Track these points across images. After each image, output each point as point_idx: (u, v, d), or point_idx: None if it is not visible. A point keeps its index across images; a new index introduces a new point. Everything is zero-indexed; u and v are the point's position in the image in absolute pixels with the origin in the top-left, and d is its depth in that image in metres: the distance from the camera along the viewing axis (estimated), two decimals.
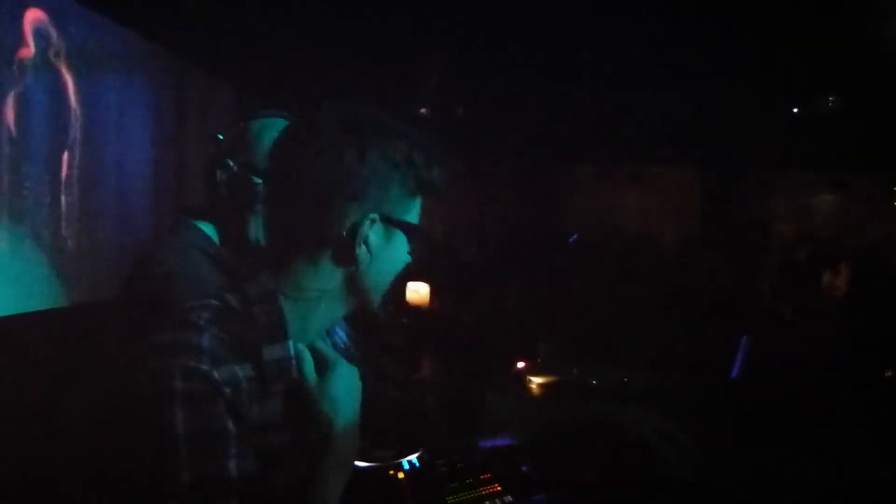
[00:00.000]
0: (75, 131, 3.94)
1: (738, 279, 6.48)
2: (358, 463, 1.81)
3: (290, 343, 1.09)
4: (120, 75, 4.39)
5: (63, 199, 3.86)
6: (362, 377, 1.17)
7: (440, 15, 6.31)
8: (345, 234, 1.08)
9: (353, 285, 1.14)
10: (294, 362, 1.09)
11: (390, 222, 1.12)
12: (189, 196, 5.53)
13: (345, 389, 1.11)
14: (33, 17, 3.53)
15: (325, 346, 1.16)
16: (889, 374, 2.85)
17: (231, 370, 1.00)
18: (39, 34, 3.62)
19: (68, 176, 3.92)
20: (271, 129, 1.65)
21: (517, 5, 6.67)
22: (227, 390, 0.98)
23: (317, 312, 1.14)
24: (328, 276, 1.12)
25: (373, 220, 1.09)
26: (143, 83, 4.71)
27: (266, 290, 1.09)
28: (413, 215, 1.16)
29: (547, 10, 6.79)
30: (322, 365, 1.11)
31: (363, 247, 1.10)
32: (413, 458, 1.89)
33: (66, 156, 3.87)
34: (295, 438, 1.09)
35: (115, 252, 4.27)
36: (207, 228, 1.69)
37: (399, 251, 1.17)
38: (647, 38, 7.04)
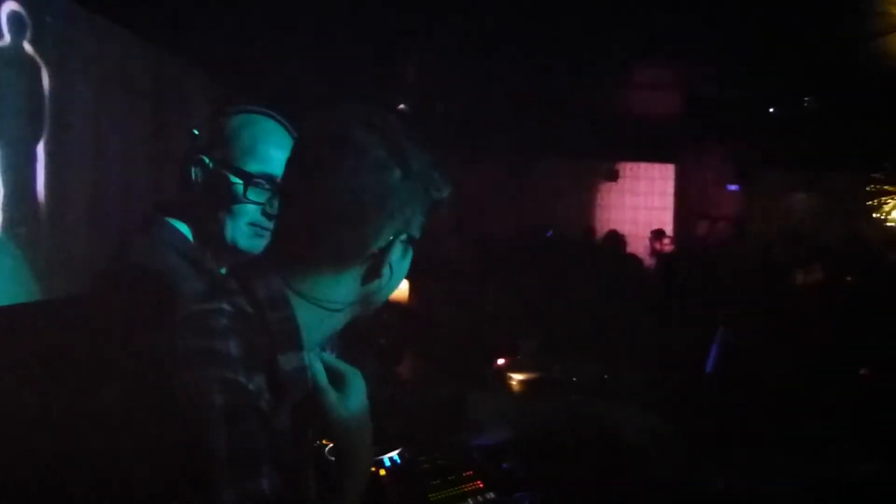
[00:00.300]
0: (48, 122, 3.87)
1: (714, 276, 6.54)
2: None
3: (304, 352, 1.05)
4: (95, 65, 4.31)
5: (36, 190, 3.79)
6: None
7: (420, 9, 6.29)
8: (376, 251, 1.06)
9: (366, 300, 1.12)
10: (308, 373, 1.04)
11: (410, 242, 1.11)
12: (166, 189, 5.47)
13: (360, 399, 1.08)
14: (7, 5, 3.46)
15: (331, 357, 1.12)
16: (864, 371, 2.88)
17: (258, 381, 0.96)
18: (13, 22, 3.55)
19: (42, 167, 3.85)
20: (251, 125, 1.60)
21: (499, 3, 6.67)
22: (261, 403, 0.94)
23: (327, 323, 1.09)
24: (350, 290, 1.08)
25: (402, 241, 1.08)
26: (119, 73, 4.63)
27: (278, 294, 1.03)
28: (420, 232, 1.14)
29: (528, 10, 6.80)
30: (336, 376, 1.08)
31: (388, 266, 1.08)
32: (394, 454, 1.87)
33: (39, 146, 3.80)
34: (306, 450, 1.06)
35: (88, 245, 4.20)
36: (182, 227, 1.64)
37: (407, 268, 1.15)
38: (628, 39, 7.07)
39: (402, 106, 7.82)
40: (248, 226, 1.59)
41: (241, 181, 1.56)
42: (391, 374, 3.02)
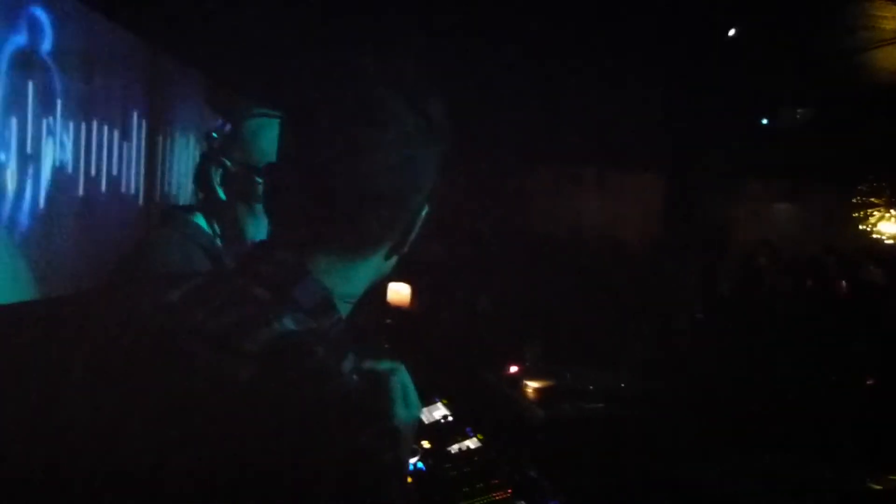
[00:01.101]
0: (47, 121, 3.83)
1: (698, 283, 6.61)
2: None
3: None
4: (91, 66, 4.26)
5: (30, 190, 3.75)
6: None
7: (411, 10, 6.31)
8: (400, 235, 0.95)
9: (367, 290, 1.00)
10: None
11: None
12: (162, 190, 5.43)
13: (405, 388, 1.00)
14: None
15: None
16: (870, 381, 2.94)
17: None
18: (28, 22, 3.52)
19: (38, 167, 3.81)
20: (271, 128, 1.63)
21: (491, 8, 6.71)
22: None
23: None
24: (364, 282, 0.97)
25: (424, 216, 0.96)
26: (115, 74, 4.58)
27: (323, 299, 0.93)
28: None
29: (520, 14, 6.84)
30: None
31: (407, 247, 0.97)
32: (416, 461, 1.87)
33: (33, 145, 3.75)
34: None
35: (84, 245, 4.17)
36: (203, 224, 1.67)
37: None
38: (618, 46, 7.13)
39: None
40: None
41: (261, 181, 1.58)
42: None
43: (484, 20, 6.89)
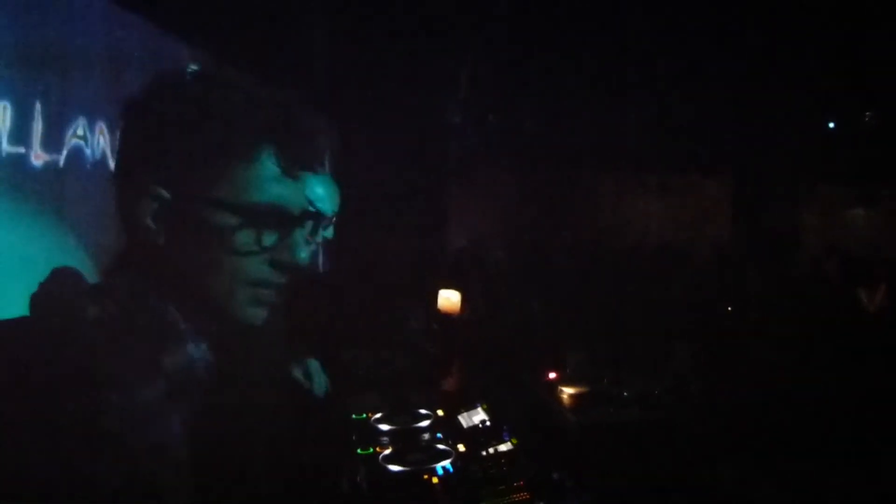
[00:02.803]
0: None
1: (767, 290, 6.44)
2: (392, 467, 1.87)
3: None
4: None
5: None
6: None
7: (470, 21, 6.37)
8: None
9: None
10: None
11: None
12: None
13: None
14: None
15: None
16: None
17: None
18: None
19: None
20: None
21: (548, 17, 6.72)
22: None
23: None
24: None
25: None
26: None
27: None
28: None
29: (580, 23, 6.83)
30: None
31: None
32: (446, 463, 1.92)
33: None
34: None
35: None
36: None
37: None
38: (681, 51, 7.05)
39: (456, 119, 7.91)
40: None
41: None
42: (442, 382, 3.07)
43: (545, 29, 6.92)
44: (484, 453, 2.11)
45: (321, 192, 1.64)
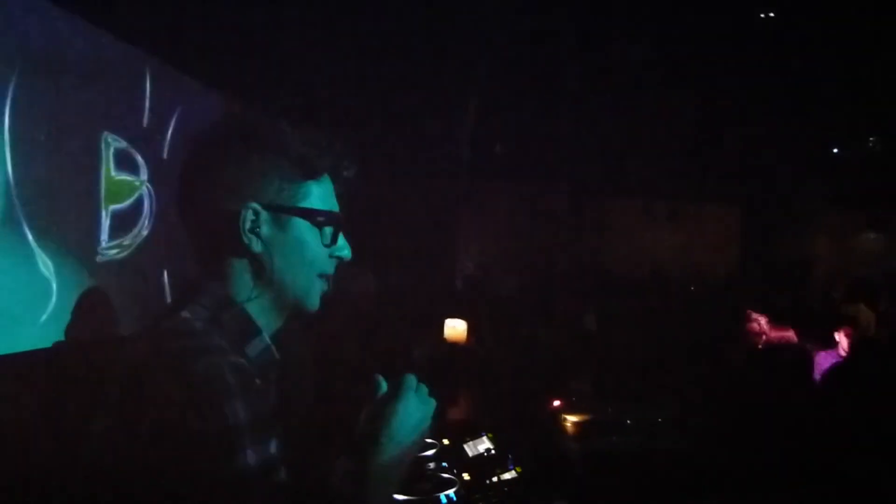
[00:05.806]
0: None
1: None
2: (397, 496, 1.88)
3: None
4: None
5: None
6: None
7: (479, 49, 6.45)
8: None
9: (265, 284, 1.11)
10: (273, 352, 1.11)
11: (275, 209, 1.08)
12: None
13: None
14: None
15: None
16: None
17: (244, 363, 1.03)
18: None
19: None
20: None
21: (559, 46, 6.80)
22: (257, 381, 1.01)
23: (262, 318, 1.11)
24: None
25: (255, 211, 1.06)
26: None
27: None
28: (309, 201, 1.11)
29: (589, 52, 6.91)
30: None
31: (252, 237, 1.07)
32: (451, 492, 1.94)
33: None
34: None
35: None
36: None
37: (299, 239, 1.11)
38: (690, 78, 7.12)
39: (467, 148, 7.96)
40: None
41: None
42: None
43: (554, 57, 7.00)
44: (489, 482, 2.13)
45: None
